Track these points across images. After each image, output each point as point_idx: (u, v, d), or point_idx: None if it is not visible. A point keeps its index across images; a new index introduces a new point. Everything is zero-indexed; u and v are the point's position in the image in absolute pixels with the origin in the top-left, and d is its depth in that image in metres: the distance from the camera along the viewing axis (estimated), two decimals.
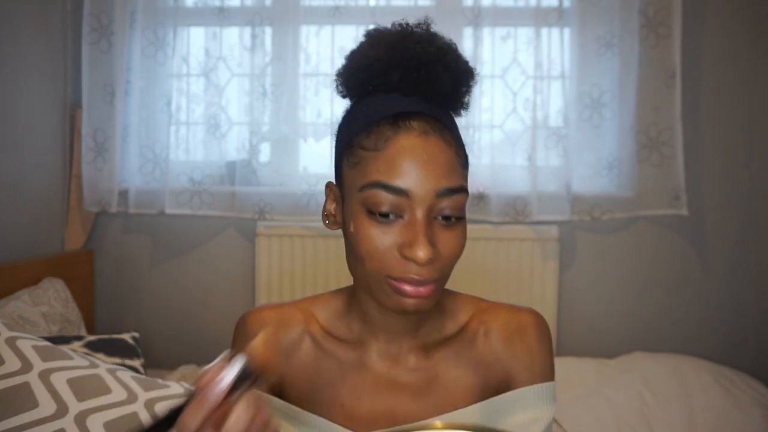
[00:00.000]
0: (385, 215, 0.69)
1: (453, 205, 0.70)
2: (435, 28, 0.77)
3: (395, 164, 0.68)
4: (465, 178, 0.73)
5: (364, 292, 0.77)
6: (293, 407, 0.80)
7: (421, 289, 0.70)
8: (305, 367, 0.81)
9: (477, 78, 0.76)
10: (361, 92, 0.76)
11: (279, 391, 0.82)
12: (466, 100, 0.77)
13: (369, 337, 0.80)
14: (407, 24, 0.76)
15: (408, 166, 0.68)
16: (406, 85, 0.72)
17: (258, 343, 0.56)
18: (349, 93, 0.78)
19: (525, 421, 0.77)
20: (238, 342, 0.84)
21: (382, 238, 0.69)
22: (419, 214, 0.69)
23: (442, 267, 0.71)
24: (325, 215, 0.78)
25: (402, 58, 0.72)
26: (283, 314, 0.83)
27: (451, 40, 0.76)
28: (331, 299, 0.84)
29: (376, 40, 0.75)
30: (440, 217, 0.70)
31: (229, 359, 0.54)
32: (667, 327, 2.15)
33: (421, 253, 0.67)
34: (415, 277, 0.69)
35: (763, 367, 2.03)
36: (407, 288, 0.69)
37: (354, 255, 0.72)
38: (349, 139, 0.73)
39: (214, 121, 2.12)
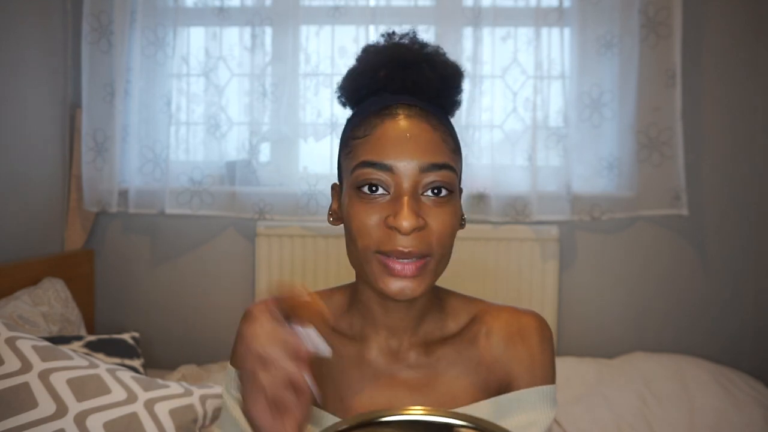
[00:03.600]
0: (373, 190, 0.72)
1: (438, 179, 0.73)
2: (430, 32, 0.85)
3: (380, 143, 0.73)
4: (453, 160, 0.75)
5: (365, 285, 0.78)
6: None
7: (408, 267, 0.71)
8: None
9: (465, 77, 0.81)
10: (357, 98, 0.80)
11: None
12: (457, 98, 0.81)
13: (370, 333, 0.81)
14: (394, 32, 0.81)
15: (392, 144, 0.73)
16: (394, 84, 0.77)
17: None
18: (348, 101, 0.82)
19: (524, 422, 0.77)
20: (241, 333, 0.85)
21: (370, 213, 0.72)
22: (404, 187, 0.72)
23: (430, 241, 0.72)
24: (330, 213, 0.81)
25: (387, 60, 0.77)
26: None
27: (439, 45, 0.80)
28: (335, 295, 0.86)
29: (367, 50, 0.80)
30: (429, 193, 0.73)
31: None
32: (667, 327, 2.15)
33: (405, 222, 0.70)
34: (401, 249, 0.70)
35: (763, 367, 2.03)
36: (395, 266, 0.71)
37: (349, 239, 0.75)
38: (346, 137, 0.78)
39: (214, 121, 2.12)
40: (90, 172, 2.11)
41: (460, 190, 0.79)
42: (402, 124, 0.74)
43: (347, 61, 2.22)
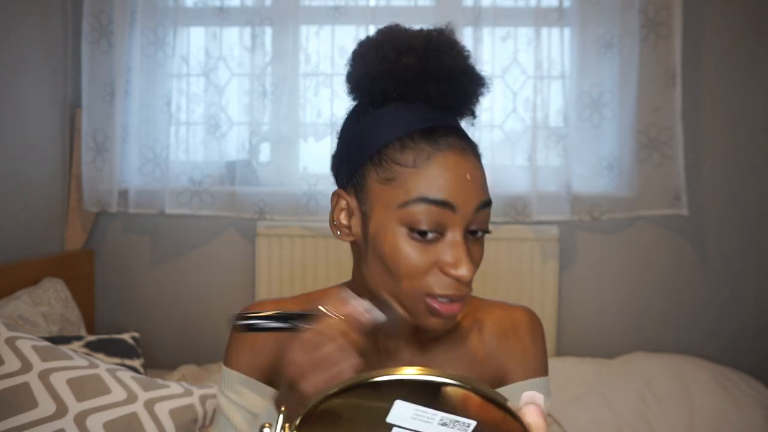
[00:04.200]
0: (425, 233, 0.68)
1: (484, 219, 0.72)
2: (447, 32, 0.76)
3: (440, 180, 0.68)
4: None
5: (362, 286, 0.76)
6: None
7: (454, 306, 0.70)
8: None
9: (491, 87, 0.77)
10: (382, 99, 0.73)
11: (273, 380, 0.82)
12: (476, 108, 0.77)
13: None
14: (432, 30, 0.73)
15: (453, 182, 0.68)
16: (433, 95, 0.72)
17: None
18: (366, 98, 0.75)
19: None
20: (235, 335, 0.84)
21: (423, 257, 0.68)
22: (459, 232, 0.69)
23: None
24: (336, 225, 0.75)
25: (434, 69, 0.71)
26: (282, 308, 0.84)
27: (465, 46, 0.75)
28: (327, 296, 0.85)
29: (401, 46, 0.71)
30: (469, 232, 0.71)
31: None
32: (667, 327, 2.15)
33: (466, 272, 0.68)
34: (455, 293, 0.69)
35: (763, 367, 2.03)
36: (442, 308, 0.70)
37: (386, 272, 0.71)
38: (377, 152, 0.71)
39: (214, 121, 2.12)
40: (90, 172, 2.11)
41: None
42: (460, 160, 0.69)
43: (349, 60, 2.21)
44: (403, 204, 0.68)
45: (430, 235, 0.68)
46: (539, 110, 2.04)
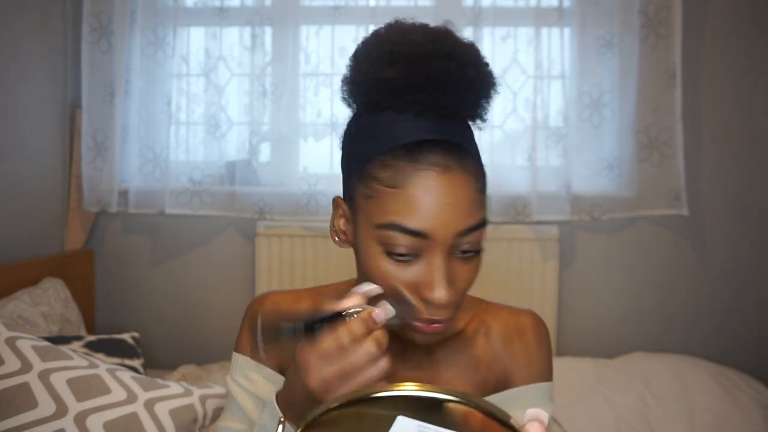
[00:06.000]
0: (403, 254, 0.67)
1: (472, 241, 0.68)
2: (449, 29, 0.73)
3: (414, 206, 0.65)
4: (485, 207, 0.70)
5: None
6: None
7: (436, 326, 0.70)
8: None
9: (498, 89, 0.73)
10: (374, 109, 0.70)
11: (284, 368, 0.83)
12: (485, 112, 0.74)
13: None
14: (426, 35, 0.70)
15: (428, 208, 0.65)
16: (424, 104, 0.68)
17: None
18: (359, 107, 0.73)
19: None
20: (248, 324, 0.85)
21: (400, 276, 0.67)
22: (438, 255, 0.67)
23: (456, 300, 0.70)
24: (335, 231, 0.76)
25: (420, 79, 0.67)
26: (295, 300, 0.85)
27: (472, 43, 0.72)
28: (339, 291, 0.85)
29: (389, 54, 0.68)
30: (459, 252, 0.69)
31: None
32: (667, 327, 2.15)
33: (439, 295, 0.66)
34: (430, 316, 0.68)
35: (763, 367, 2.03)
36: (422, 327, 0.69)
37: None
38: (363, 165, 0.69)
39: (214, 121, 2.12)
40: (90, 172, 2.11)
41: (486, 224, 0.73)
42: (440, 180, 0.65)
43: (347, 62, 2.22)
44: (378, 226, 0.67)
45: (408, 257, 0.67)
46: (539, 110, 2.04)
